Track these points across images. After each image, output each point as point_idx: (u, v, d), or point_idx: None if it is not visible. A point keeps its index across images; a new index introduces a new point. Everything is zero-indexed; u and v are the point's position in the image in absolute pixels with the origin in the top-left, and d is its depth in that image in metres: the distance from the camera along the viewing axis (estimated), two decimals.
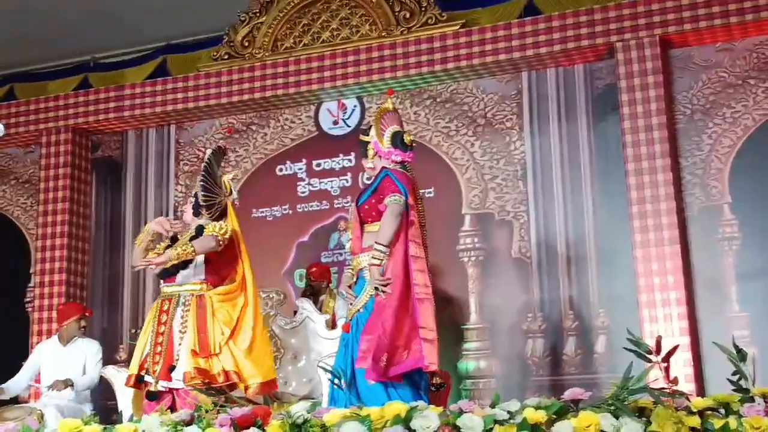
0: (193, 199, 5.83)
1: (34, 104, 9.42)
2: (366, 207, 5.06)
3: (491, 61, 8.05)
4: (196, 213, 5.76)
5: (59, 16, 9.07)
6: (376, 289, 4.79)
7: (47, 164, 9.23)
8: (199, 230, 5.66)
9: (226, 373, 5.36)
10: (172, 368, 5.38)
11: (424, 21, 8.36)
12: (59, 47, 9.70)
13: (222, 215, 5.76)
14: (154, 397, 5.45)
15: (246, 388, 5.41)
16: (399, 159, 5.13)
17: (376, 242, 4.86)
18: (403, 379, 4.77)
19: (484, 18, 8.35)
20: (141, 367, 5.52)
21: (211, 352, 5.37)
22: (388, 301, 4.78)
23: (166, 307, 5.57)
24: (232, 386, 5.43)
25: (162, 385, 5.42)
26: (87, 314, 7.46)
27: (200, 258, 5.60)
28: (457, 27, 8.24)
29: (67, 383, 6.82)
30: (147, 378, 5.49)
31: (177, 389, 5.37)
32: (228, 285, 5.63)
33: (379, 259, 4.83)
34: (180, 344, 5.44)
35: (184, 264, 5.55)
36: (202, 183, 5.73)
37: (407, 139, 5.18)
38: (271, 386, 5.57)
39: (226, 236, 5.55)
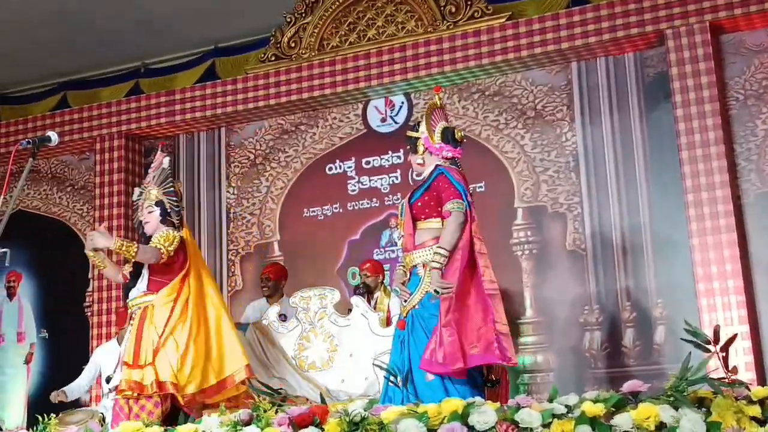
0: (156, 208, 5.74)
1: (87, 111, 9.57)
2: (419, 204, 5.02)
3: (540, 53, 8.00)
4: (164, 220, 5.74)
5: (109, 24, 9.18)
6: (436, 291, 4.77)
7: (101, 170, 9.37)
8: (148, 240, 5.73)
9: (160, 384, 5.32)
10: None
11: (470, 14, 8.32)
12: (110, 54, 9.83)
13: (182, 222, 5.84)
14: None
15: (186, 395, 5.39)
16: (450, 155, 5.11)
17: (439, 246, 4.84)
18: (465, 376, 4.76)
19: (530, 9, 8.29)
20: None
21: (143, 363, 5.37)
22: (456, 298, 4.75)
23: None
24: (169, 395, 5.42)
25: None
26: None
27: (145, 272, 5.64)
28: (504, 19, 8.20)
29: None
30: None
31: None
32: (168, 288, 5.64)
33: (440, 263, 4.81)
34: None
35: (133, 280, 5.60)
36: (171, 189, 5.78)
37: (458, 135, 5.16)
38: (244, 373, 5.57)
39: (171, 248, 5.57)
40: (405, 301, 5.02)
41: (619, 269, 7.65)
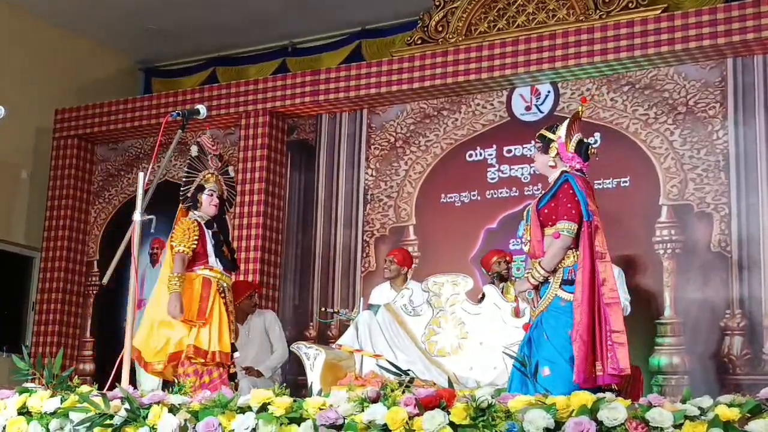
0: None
1: (234, 87, 9.74)
2: (546, 211, 5.00)
3: (694, 47, 7.72)
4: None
5: (260, 3, 9.35)
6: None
7: (245, 146, 9.54)
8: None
9: None
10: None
11: (624, 5, 8.15)
12: (260, 33, 10.01)
13: None
14: None
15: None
16: (578, 167, 5.07)
17: (540, 264, 4.91)
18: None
19: (687, 1, 8.06)
20: None
21: None
22: (586, 313, 4.73)
23: None
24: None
25: None
26: (257, 291, 7.67)
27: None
28: (659, 11, 7.97)
29: (259, 374, 7.19)
30: None
31: None
32: None
33: (536, 280, 4.93)
34: None
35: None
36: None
37: (591, 151, 5.10)
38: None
39: None
40: (534, 307, 5.03)
41: (765, 274, 7.37)
